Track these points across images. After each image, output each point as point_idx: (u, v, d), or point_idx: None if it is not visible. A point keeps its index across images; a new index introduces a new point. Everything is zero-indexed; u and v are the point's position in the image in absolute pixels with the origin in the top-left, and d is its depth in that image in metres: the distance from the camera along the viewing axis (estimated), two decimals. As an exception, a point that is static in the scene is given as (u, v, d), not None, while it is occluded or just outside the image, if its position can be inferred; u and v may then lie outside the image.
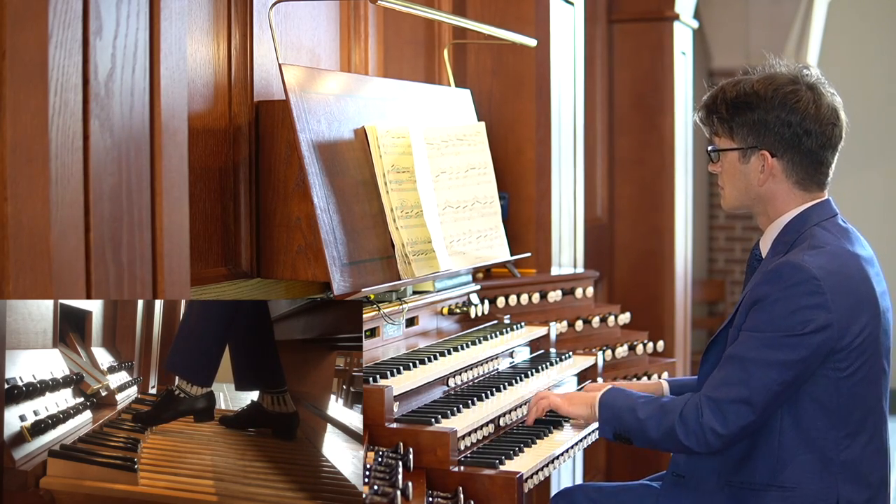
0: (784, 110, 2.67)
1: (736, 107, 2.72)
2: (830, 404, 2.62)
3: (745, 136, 2.72)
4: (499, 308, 3.82)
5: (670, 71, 5.81)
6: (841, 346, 2.59)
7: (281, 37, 3.08)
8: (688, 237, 6.11)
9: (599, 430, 2.84)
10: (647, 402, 2.78)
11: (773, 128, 2.68)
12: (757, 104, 2.69)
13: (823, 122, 2.68)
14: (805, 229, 2.69)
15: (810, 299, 2.56)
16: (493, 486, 2.56)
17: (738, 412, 2.61)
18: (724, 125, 2.75)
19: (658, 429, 2.71)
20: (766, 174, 2.71)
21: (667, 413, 2.70)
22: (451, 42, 4.17)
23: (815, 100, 2.68)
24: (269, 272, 2.97)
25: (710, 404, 2.64)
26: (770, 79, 2.72)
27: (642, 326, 4.92)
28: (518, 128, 4.37)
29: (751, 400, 2.59)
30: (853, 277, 2.62)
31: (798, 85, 2.70)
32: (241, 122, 2.95)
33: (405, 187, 3.18)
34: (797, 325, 2.56)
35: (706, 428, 2.63)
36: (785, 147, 2.69)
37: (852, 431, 2.64)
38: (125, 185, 1.97)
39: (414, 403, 2.91)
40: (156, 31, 2.02)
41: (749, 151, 2.72)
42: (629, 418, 2.76)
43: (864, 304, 2.63)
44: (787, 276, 2.58)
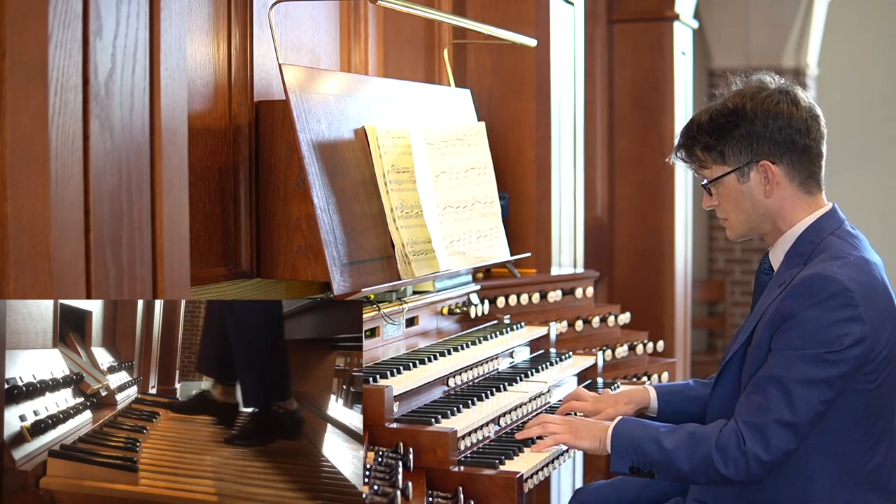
0: (769, 116, 2.63)
1: (719, 129, 2.66)
2: (858, 417, 2.55)
3: (738, 154, 2.65)
4: (499, 308, 3.82)
5: (670, 71, 5.81)
6: (871, 358, 2.52)
7: (281, 37, 3.08)
8: (688, 237, 6.11)
9: (612, 465, 2.64)
10: (671, 430, 2.61)
11: (764, 136, 2.63)
12: (740, 119, 2.64)
13: (806, 116, 2.65)
14: (820, 240, 2.62)
15: (846, 312, 2.48)
16: (493, 486, 2.56)
17: (781, 436, 2.48)
18: (713, 152, 2.67)
19: (690, 459, 2.54)
20: (772, 184, 2.64)
21: (699, 442, 2.54)
22: (451, 42, 4.17)
23: (791, 100, 2.66)
24: (269, 272, 2.97)
25: (750, 430, 2.50)
26: (740, 94, 2.68)
27: (642, 326, 4.92)
28: (518, 128, 4.36)
29: (795, 423, 2.48)
30: (878, 288, 2.56)
31: (769, 91, 2.67)
32: (241, 122, 2.95)
33: (405, 187, 3.18)
34: (835, 339, 2.47)
35: (750, 455, 2.49)
36: (782, 151, 2.64)
37: (876, 441, 2.58)
38: (125, 185, 1.97)
39: (414, 403, 2.91)
40: (156, 31, 2.02)
41: (747, 168, 2.65)
42: (652, 449, 2.59)
43: (888, 314, 2.57)
44: (819, 289, 2.49)
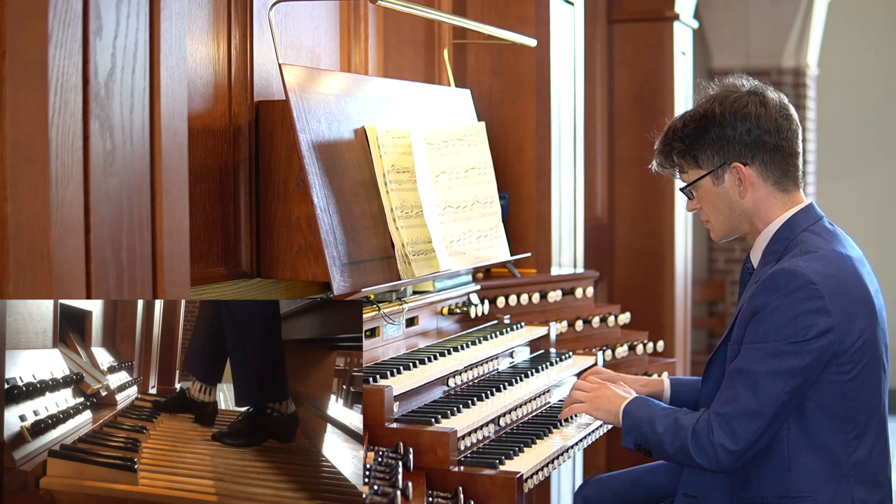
0: (736, 119, 2.71)
1: (691, 135, 2.76)
2: (837, 409, 2.61)
3: (710, 157, 2.75)
4: (499, 308, 3.82)
5: (670, 71, 5.81)
6: (843, 350, 2.58)
7: (281, 37, 3.08)
8: (688, 237, 6.11)
9: (623, 440, 2.81)
10: (666, 415, 2.74)
11: (733, 138, 2.72)
12: (710, 124, 2.74)
13: (776, 116, 2.72)
14: (794, 236, 2.70)
15: (810, 304, 2.55)
16: (493, 486, 2.56)
17: (746, 426, 2.58)
18: (687, 157, 2.78)
19: (672, 444, 2.68)
20: (745, 185, 2.73)
21: (680, 429, 2.67)
22: (451, 42, 4.17)
23: (760, 101, 2.73)
24: (269, 272, 2.97)
25: (719, 420, 2.61)
26: (711, 99, 2.77)
27: (642, 326, 4.92)
28: (518, 128, 4.36)
29: (759, 411, 2.57)
30: (848, 280, 2.62)
31: (738, 93, 2.75)
32: (241, 122, 2.95)
33: (405, 187, 3.18)
34: (799, 331, 2.55)
35: (717, 446, 2.60)
36: (752, 152, 2.72)
37: (859, 433, 2.64)
38: (125, 185, 1.97)
39: (414, 403, 2.91)
40: (156, 31, 2.02)
41: (720, 171, 2.75)
42: (648, 430, 2.74)
43: (861, 305, 2.63)
44: (783, 283, 2.58)
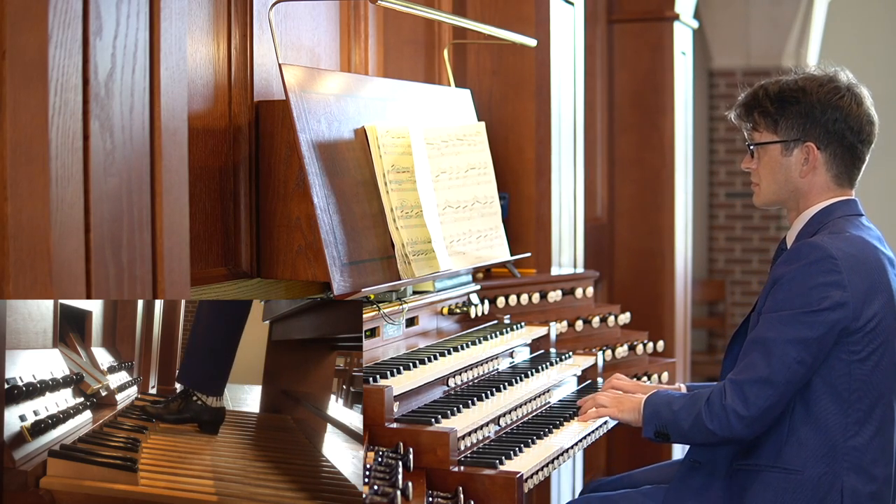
0: (829, 106, 2.79)
1: (781, 100, 2.81)
2: (841, 388, 2.67)
3: (790, 128, 2.81)
4: (499, 308, 3.82)
5: (670, 71, 5.80)
6: (855, 328, 2.64)
7: (281, 37, 3.08)
8: (688, 237, 6.10)
9: (643, 431, 2.87)
10: (683, 395, 2.83)
11: (819, 121, 2.79)
12: (803, 98, 2.80)
13: (863, 119, 2.81)
14: (829, 220, 2.77)
15: (827, 277, 2.63)
16: (493, 486, 2.56)
17: (758, 393, 2.64)
18: (769, 119, 2.83)
19: (688, 418, 2.74)
20: (810, 166, 2.80)
21: (696, 401, 2.75)
22: (451, 42, 4.17)
23: (855, 99, 2.82)
24: (269, 272, 2.97)
25: (733, 386, 2.68)
26: (811, 77, 2.84)
27: (642, 326, 4.92)
28: (518, 128, 4.36)
29: (771, 378, 2.64)
30: (869, 262, 2.69)
31: (838, 83, 2.82)
32: (241, 122, 2.95)
33: (405, 187, 3.18)
34: (814, 301, 2.63)
35: (729, 410, 2.67)
36: (829, 140, 2.79)
37: (861, 419, 2.68)
38: (125, 184, 1.97)
39: (414, 403, 2.91)
40: (156, 31, 2.02)
41: (793, 144, 2.81)
42: (665, 412, 2.81)
43: (879, 289, 2.68)
44: (805, 254, 2.66)
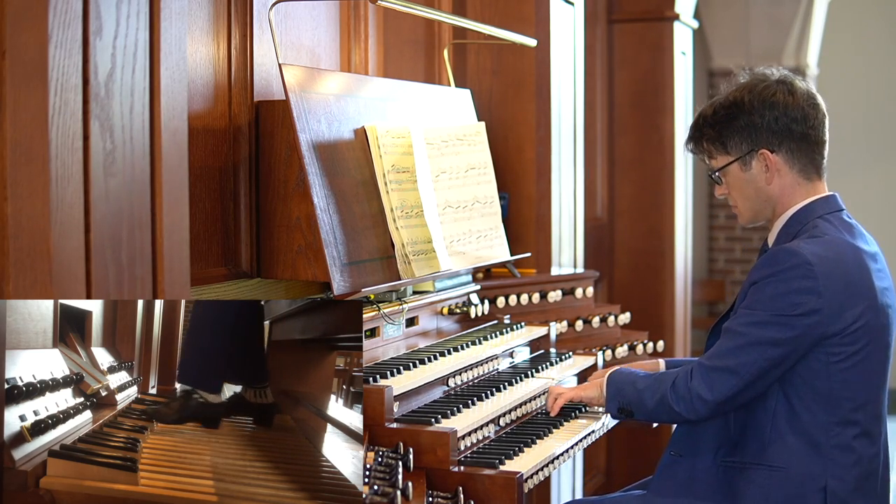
0: (764, 107, 2.80)
1: (720, 122, 2.85)
2: (822, 389, 2.69)
3: (738, 144, 2.83)
4: (499, 308, 3.82)
5: (670, 71, 5.80)
6: (834, 332, 2.66)
7: (281, 37, 3.08)
8: (688, 237, 6.10)
9: (606, 408, 2.95)
10: (647, 375, 2.90)
11: (761, 126, 2.80)
12: (738, 111, 2.82)
13: (803, 105, 2.81)
14: (808, 221, 2.78)
15: (802, 283, 2.64)
16: (493, 486, 2.56)
17: (723, 381, 2.70)
18: (716, 143, 2.86)
19: (653, 397, 2.82)
20: (772, 172, 2.81)
21: (662, 382, 2.81)
22: (451, 42, 4.17)
23: (788, 90, 2.82)
24: (269, 272, 2.97)
25: (700, 371, 2.74)
26: (741, 87, 2.86)
27: (642, 326, 4.92)
28: (518, 128, 4.36)
29: (737, 370, 2.69)
30: (848, 265, 2.69)
31: (767, 82, 2.84)
32: (241, 122, 2.95)
33: (405, 187, 3.18)
34: (787, 306, 2.65)
35: (693, 393, 2.73)
36: (780, 139, 2.80)
37: (844, 420, 2.70)
38: (125, 184, 1.97)
39: (414, 403, 2.91)
40: (156, 31, 2.02)
41: (748, 157, 2.83)
42: (630, 391, 2.88)
43: (860, 292, 2.69)
44: (781, 260, 2.68)
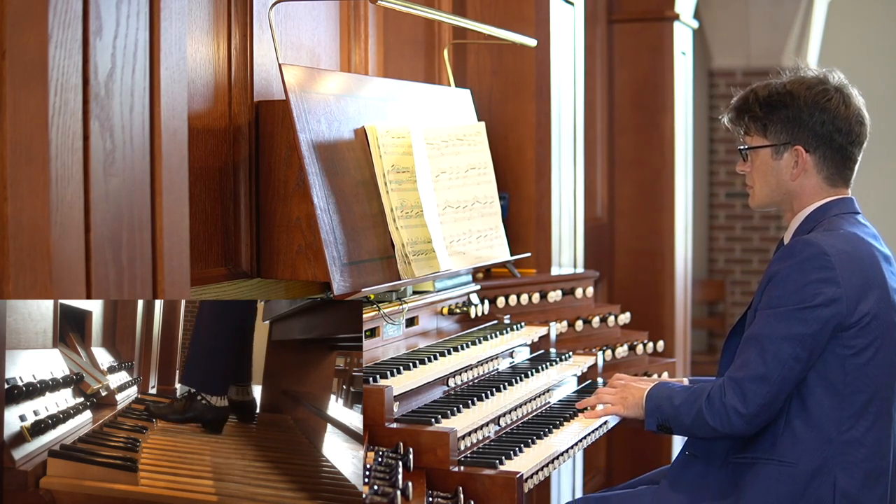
0: (817, 108, 2.81)
1: (770, 105, 2.85)
2: (836, 383, 2.70)
3: (778, 132, 2.84)
4: (499, 308, 3.82)
5: (670, 71, 5.81)
6: (849, 323, 2.67)
7: (281, 37, 3.08)
8: (688, 237, 6.11)
9: (646, 423, 2.94)
10: (685, 389, 2.88)
11: (806, 124, 2.81)
12: (790, 102, 2.83)
13: (852, 120, 2.83)
14: (824, 218, 2.80)
15: (820, 273, 2.66)
16: (493, 486, 2.56)
17: (756, 390, 2.69)
18: (758, 123, 2.87)
19: (689, 413, 2.80)
20: (799, 169, 2.83)
21: (697, 397, 2.80)
22: (451, 42, 4.17)
23: (843, 100, 2.83)
24: (269, 272, 2.97)
25: (731, 384, 2.73)
26: (800, 80, 2.86)
27: (642, 326, 4.91)
28: (518, 128, 4.36)
29: (767, 375, 2.68)
30: (863, 258, 2.72)
31: (827, 85, 2.84)
32: (241, 122, 2.95)
33: (405, 187, 3.18)
34: (807, 297, 2.66)
35: (729, 408, 2.72)
36: (818, 143, 2.82)
37: (855, 413, 2.70)
38: (125, 184, 1.97)
39: (414, 403, 2.91)
40: (156, 31, 2.02)
41: (782, 148, 2.85)
42: (667, 406, 2.87)
43: (873, 285, 2.71)
44: (798, 252, 2.70)
